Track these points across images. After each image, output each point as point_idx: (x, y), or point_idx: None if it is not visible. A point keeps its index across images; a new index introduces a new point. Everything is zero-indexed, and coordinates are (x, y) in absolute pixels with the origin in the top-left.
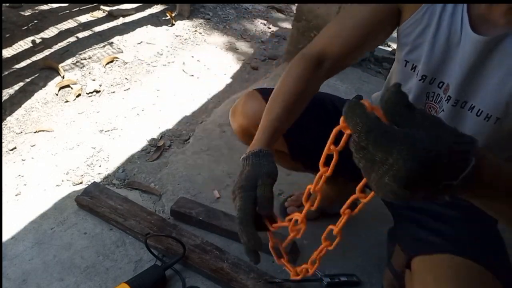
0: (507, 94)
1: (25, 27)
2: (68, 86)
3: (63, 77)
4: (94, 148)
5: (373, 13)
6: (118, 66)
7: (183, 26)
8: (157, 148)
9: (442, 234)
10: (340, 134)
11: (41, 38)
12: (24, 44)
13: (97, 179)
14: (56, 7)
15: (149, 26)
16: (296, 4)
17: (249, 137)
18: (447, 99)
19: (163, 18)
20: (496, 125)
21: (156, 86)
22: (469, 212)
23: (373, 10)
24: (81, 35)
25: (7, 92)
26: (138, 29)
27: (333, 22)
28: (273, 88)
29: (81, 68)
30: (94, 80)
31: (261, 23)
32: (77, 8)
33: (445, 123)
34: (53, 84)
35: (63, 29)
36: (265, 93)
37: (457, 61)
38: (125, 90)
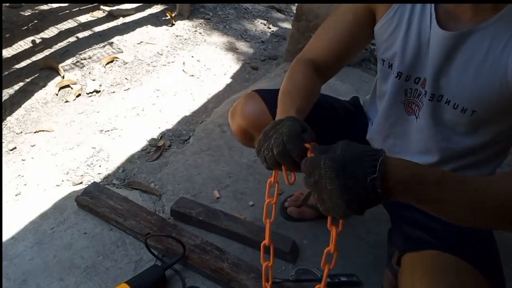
0: (479, 88)
1: (25, 27)
2: (68, 86)
3: (63, 77)
4: (94, 148)
5: (354, 16)
6: (118, 66)
7: (183, 26)
8: (157, 148)
9: (432, 231)
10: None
11: (41, 38)
12: (24, 44)
13: (97, 179)
14: (56, 7)
15: (149, 26)
16: (296, 4)
17: (248, 139)
18: (425, 94)
19: (163, 18)
20: (473, 117)
21: (156, 86)
22: None
23: (353, 13)
24: (81, 35)
25: (7, 92)
26: (138, 29)
27: (320, 30)
28: (272, 89)
29: (81, 68)
30: (94, 80)
31: (261, 23)
32: (77, 8)
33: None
34: (53, 84)
35: (63, 29)
36: (264, 94)
37: (428, 57)
38: (125, 90)
